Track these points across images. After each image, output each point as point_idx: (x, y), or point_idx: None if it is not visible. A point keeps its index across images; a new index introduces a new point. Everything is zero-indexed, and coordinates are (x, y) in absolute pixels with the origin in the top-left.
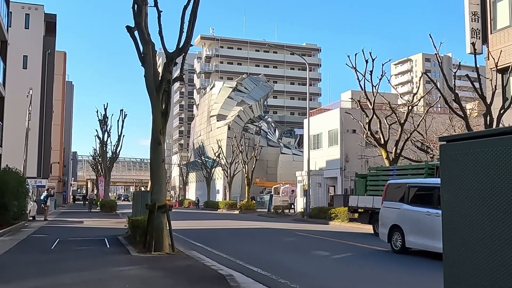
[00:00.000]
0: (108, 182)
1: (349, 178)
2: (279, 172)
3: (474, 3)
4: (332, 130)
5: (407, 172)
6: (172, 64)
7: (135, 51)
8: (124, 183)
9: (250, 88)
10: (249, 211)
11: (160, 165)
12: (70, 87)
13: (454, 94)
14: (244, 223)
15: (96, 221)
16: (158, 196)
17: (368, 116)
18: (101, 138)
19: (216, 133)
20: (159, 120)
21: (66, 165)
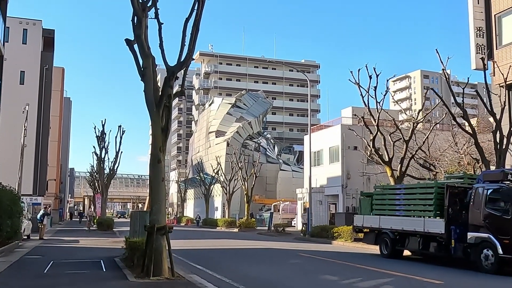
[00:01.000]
0: (105, 200)
1: (350, 196)
2: (278, 189)
3: (479, 18)
4: (333, 147)
5: (415, 191)
6: (173, 78)
7: (134, 65)
8: (121, 199)
9: (249, 104)
10: (249, 229)
11: (160, 184)
12: (68, 103)
13: (463, 110)
14: (245, 243)
15: (93, 240)
16: (157, 217)
17: (372, 133)
18: (98, 154)
19: (215, 149)
20: (159, 137)
21: (63, 182)
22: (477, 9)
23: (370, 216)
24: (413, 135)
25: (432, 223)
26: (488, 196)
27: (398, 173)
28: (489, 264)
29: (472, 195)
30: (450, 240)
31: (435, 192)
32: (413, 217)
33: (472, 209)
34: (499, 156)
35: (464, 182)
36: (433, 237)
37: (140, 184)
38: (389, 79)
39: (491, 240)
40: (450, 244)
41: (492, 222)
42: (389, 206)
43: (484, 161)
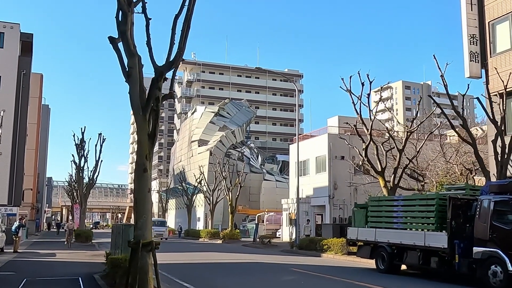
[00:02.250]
0: (84, 210)
1: (337, 207)
2: (262, 199)
3: (472, 25)
4: (320, 157)
5: (414, 203)
6: (161, 79)
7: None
8: (100, 209)
9: (233, 113)
10: (233, 240)
11: (146, 196)
12: (46, 111)
13: (462, 119)
14: (232, 256)
15: (70, 253)
16: (143, 232)
17: (365, 142)
18: (77, 163)
19: (198, 158)
20: (146, 143)
21: (40, 191)
22: (470, 16)
23: (365, 229)
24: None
25: (434, 236)
26: (495, 209)
27: (391, 184)
28: (497, 281)
29: (477, 208)
30: (453, 255)
31: (436, 204)
32: (413, 230)
33: (477, 222)
34: (501, 166)
35: (466, 193)
36: (434, 251)
37: (120, 194)
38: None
39: (500, 256)
40: (453, 259)
41: (500, 236)
42: (386, 219)
43: (484, 171)
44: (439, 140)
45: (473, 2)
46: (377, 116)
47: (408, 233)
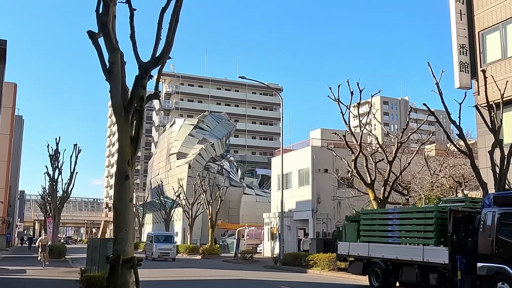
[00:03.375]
0: (58, 224)
1: (321, 221)
2: (242, 214)
3: (462, 35)
4: (303, 169)
5: (411, 215)
6: (146, 76)
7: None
8: (74, 224)
9: (212, 125)
10: (213, 256)
11: (128, 206)
12: (20, 122)
13: (458, 128)
14: (214, 272)
15: (42, 270)
16: (123, 246)
17: (354, 153)
18: (51, 175)
19: (176, 171)
20: (128, 148)
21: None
22: (460, 26)
23: (358, 244)
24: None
25: (434, 251)
26: (501, 222)
27: (381, 197)
28: None
29: (481, 221)
30: (455, 271)
31: (435, 216)
32: (410, 245)
33: (481, 236)
34: (500, 177)
35: (465, 205)
36: (434, 267)
37: (95, 208)
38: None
39: (507, 272)
40: (455, 276)
41: (507, 251)
42: (380, 232)
43: (482, 183)
44: (423, 153)
45: (463, 11)
46: (355, 130)
47: (404, 248)
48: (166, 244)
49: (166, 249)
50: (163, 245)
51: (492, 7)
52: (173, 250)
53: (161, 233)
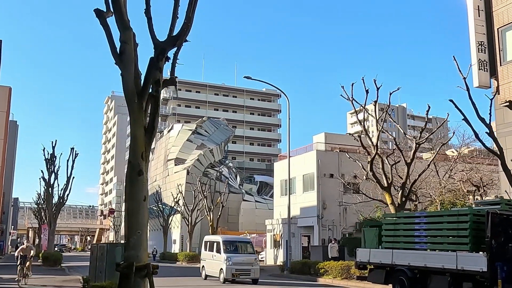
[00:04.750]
0: (53, 231)
1: (326, 227)
2: (241, 221)
3: (480, 32)
4: (307, 174)
5: (442, 219)
6: (163, 58)
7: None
8: (68, 232)
9: (211, 131)
10: None
11: (141, 205)
12: (14, 127)
13: (488, 127)
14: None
15: (37, 278)
16: (136, 252)
17: (371, 155)
18: (47, 180)
19: (174, 178)
20: (141, 139)
21: (6, 212)
22: (478, 22)
23: (379, 250)
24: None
25: (469, 258)
26: None
27: (399, 201)
28: None
29: None
30: (495, 280)
31: (470, 220)
32: (441, 252)
33: None
34: None
35: (501, 208)
36: (470, 275)
37: (90, 215)
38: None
39: None
40: (495, 285)
41: None
42: (406, 238)
43: None
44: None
45: (481, 8)
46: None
47: (434, 254)
48: (244, 256)
49: (245, 263)
50: (239, 257)
51: (511, 3)
52: (256, 266)
53: (232, 239)
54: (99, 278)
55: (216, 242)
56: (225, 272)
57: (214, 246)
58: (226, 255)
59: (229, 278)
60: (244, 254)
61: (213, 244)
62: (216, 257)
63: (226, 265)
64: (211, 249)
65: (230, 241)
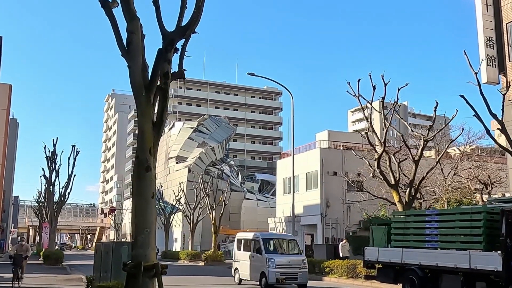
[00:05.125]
0: (54, 229)
1: (330, 226)
2: (243, 219)
3: (488, 27)
4: (311, 172)
5: (454, 217)
6: (171, 49)
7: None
8: (69, 230)
9: (212, 129)
10: (216, 262)
11: (149, 203)
12: (15, 125)
13: (500, 123)
14: (224, 281)
15: (39, 277)
16: (144, 251)
17: (378, 152)
18: (48, 177)
19: (175, 176)
20: (149, 134)
21: (6, 211)
22: (486, 17)
23: (389, 249)
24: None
25: (483, 257)
26: None
27: (406, 199)
28: None
29: None
30: (510, 280)
31: (483, 218)
32: (453, 250)
33: None
34: None
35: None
36: (483, 275)
37: (90, 214)
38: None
39: None
40: (510, 285)
41: None
42: (416, 237)
43: None
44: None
45: (489, 3)
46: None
47: (447, 253)
48: (290, 257)
49: (291, 265)
50: (284, 258)
51: None
52: (304, 269)
53: (274, 236)
54: (104, 278)
55: (255, 240)
56: (268, 276)
57: (252, 245)
58: (268, 256)
59: (273, 283)
60: (290, 255)
61: (250, 242)
62: (255, 258)
63: (269, 268)
64: (247, 248)
65: (272, 239)
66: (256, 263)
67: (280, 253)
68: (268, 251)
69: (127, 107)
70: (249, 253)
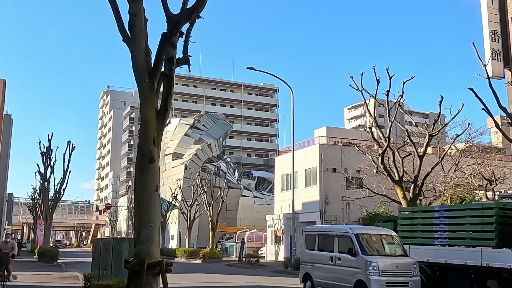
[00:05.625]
0: (49, 226)
1: (329, 222)
2: (239, 216)
3: (493, 21)
4: (309, 169)
5: (464, 213)
6: (176, 33)
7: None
8: (63, 227)
9: (209, 125)
10: (214, 260)
11: (153, 196)
12: (9, 121)
13: (510, 116)
14: (227, 278)
15: (34, 275)
16: (147, 247)
17: (382, 147)
18: (43, 173)
19: (171, 172)
20: (153, 123)
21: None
22: (491, 11)
23: None
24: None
25: (495, 255)
26: None
27: (411, 194)
28: None
29: None
30: None
31: (495, 214)
32: (463, 247)
33: None
34: None
35: None
36: (495, 272)
37: (85, 211)
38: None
39: None
40: None
41: None
42: (424, 233)
43: None
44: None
45: None
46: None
47: (456, 250)
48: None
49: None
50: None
51: None
52: (416, 276)
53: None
54: (103, 276)
55: (341, 235)
56: (370, 286)
57: (336, 243)
58: (368, 259)
59: None
60: (396, 257)
61: (333, 239)
62: (343, 261)
63: (371, 276)
64: (326, 247)
65: (368, 234)
66: (345, 267)
67: (381, 254)
68: (365, 251)
69: (123, 104)
70: (331, 253)
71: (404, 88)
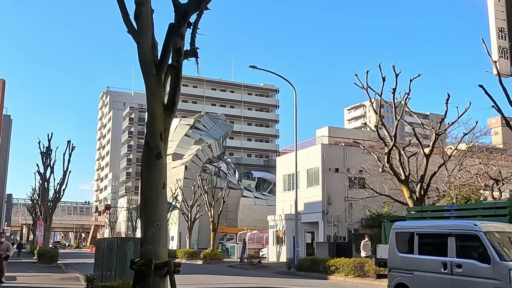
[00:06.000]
0: (49, 227)
1: (332, 223)
2: (240, 217)
3: (500, 18)
4: (312, 169)
5: (476, 213)
6: (185, 22)
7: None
8: (63, 228)
9: (209, 126)
10: (215, 261)
11: (160, 194)
12: (8, 122)
13: None
14: (226, 280)
15: (34, 276)
16: (154, 247)
17: (388, 146)
18: (42, 174)
19: (172, 173)
20: (160, 117)
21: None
22: (498, 7)
23: None
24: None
25: None
26: None
27: (417, 194)
28: None
29: None
30: None
31: (509, 213)
32: None
33: None
34: None
35: None
36: None
37: (84, 212)
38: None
39: None
40: None
41: None
42: None
43: None
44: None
45: None
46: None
47: None
48: None
49: None
50: None
51: None
52: None
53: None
54: (107, 277)
55: (461, 234)
56: None
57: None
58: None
59: None
60: None
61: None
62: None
63: None
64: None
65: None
66: (471, 278)
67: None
68: (502, 256)
69: (122, 105)
70: (444, 258)
71: (410, 86)
